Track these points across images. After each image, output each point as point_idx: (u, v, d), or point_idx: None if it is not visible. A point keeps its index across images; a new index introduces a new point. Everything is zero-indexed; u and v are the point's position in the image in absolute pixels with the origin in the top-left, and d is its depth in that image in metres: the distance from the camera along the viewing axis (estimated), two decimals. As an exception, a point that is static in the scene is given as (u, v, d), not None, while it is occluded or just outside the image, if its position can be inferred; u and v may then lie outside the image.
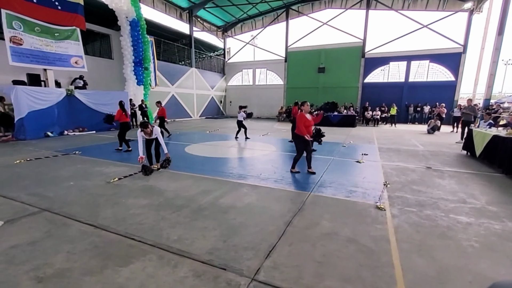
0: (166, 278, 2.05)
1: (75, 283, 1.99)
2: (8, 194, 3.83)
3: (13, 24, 9.96)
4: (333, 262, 2.30)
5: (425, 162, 6.25)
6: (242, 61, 24.29)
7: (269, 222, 3.05)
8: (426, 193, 4.09)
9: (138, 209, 3.36)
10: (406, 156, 6.91)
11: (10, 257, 2.31)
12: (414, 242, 2.66)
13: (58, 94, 10.48)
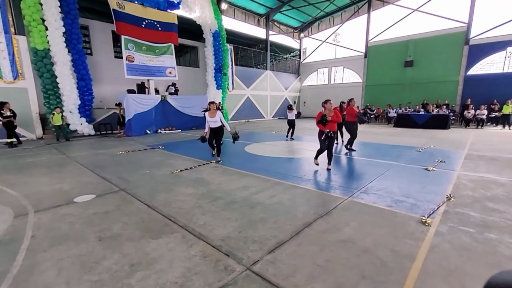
0: (179, 254, 2.47)
1: (119, 245, 2.63)
2: (105, 176, 5.14)
3: (128, 46, 12.79)
4: (333, 269, 2.24)
5: (528, 175, 4.85)
6: (317, 60, 23.75)
7: (289, 221, 3.13)
8: (503, 214, 3.27)
9: (184, 196, 3.99)
10: (502, 167, 5.49)
11: (89, 220, 3.21)
12: (447, 266, 2.26)
13: (155, 99, 12.88)
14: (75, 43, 11.06)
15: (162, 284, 2.06)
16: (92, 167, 5.86)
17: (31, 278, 2.15)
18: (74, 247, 2.61)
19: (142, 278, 2.13)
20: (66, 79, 10.71)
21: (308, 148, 8.04)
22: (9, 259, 2.41)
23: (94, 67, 12.98)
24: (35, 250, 2.57)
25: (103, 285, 2.06)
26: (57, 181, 4.84)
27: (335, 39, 22.99)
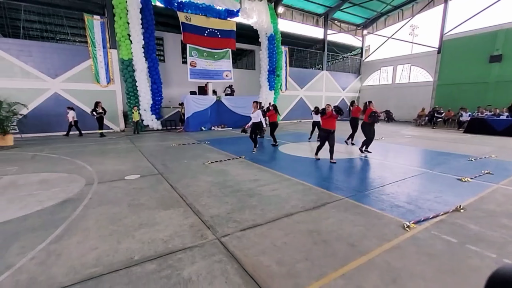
0: (175, 222, 3.21)
1: (139, 211, 3.54)
2: (153, 162, 6.38)
3: (192, 53, 14.63)
4: (284, 249, 2.62)
5: None
6: (381, 58, 22.03)
7: (274, 210, 3.54)
8: (510, 231, 2.96)
9: (202, 182, 4.77)
10: None
11: (128, 192, 4.28)
12: (394, 264, 2.37)
13: (211, 99, 14.39)
14: (151, 52, 13.30)
15: (154, 239, 2.82)
16: (148, 155, 7.26)
17: (79, 223, 3.21)
18: (111, 208, 3.63)
19: (143, 233, 2.94)
20: (143, 83, 13.02)
21: (341, 150, 7.95)
22: (72, 210, 3.57)
23: (166, 72, 15.30)
24: (88, 206, 3.69)
25: (118, 233, 2.95)
26: (120, 163, 6.28)
27: (412, 32, 20.91)
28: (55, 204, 3.78)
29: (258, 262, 2.41)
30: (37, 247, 2.65)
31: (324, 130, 6.39)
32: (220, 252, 2.57)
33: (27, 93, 11.02)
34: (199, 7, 14.50)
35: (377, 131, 7.73)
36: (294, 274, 2.24)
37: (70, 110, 11.31)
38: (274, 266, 2.35)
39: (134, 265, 2.36)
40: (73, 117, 11.35)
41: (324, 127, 6.39)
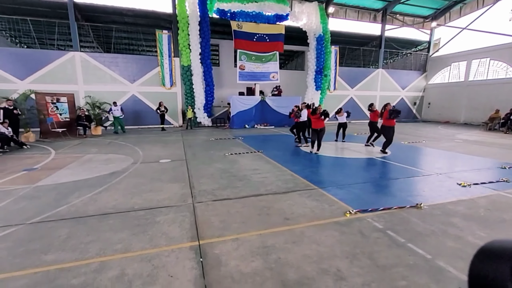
0: (173, 191, 4.38)
1: (154, 182, 4.86)
2: (187, 151, 7.84)
3: (241, 57, 16.10)
4: (233, 215, 3.47)
5: None
6: (452, 52, 19.40)
7: (249, 191, 4.37)
8: (451, 228, 3.09)
9: (212, 168, 5.88)
10: None
11: (156, 170, 5.70)
12: (305, 236, 2.96)
13: (255, 100, 15.58)
14: (206, 59, 15.26)
15: (152, 199, 4.04)
16: (187, 146, 8.84)
17: (115, 185, 4.70)
18: (139, 179, 5.07)
19: (148, 195, 4.20)
20: (198, 85, 15.08)
21: (360, 151, 7.99)
22: (115, 178, 5.14)
23: (220, 75, 17.17)
24: (126, 177, 5.22)
25: (134, 193, 4.28)
26: (163, 150, 7.96)
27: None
28: (108, 173, 5.45)
29: (208, 219, 3.35)
30: (86, 195, 4.18)
31: (313, 129, 7.55)
32: (187, 211, 3.60)
33: (113, 95, 14.24)
34: (249, 15, 15.83)
35: (424, 134, 7.47)
36: (225, 227, 3.11)
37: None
38: (217, 223, 3.25)
39: (132, 211, 3.60)
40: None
41: (314, 127, 7.44)
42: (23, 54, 13.09)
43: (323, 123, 7.43)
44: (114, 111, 12.15)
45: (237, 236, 2.92)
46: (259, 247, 2.69)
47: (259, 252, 2.60)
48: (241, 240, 2.84)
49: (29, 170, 5.72)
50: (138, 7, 14.95)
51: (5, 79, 12.62)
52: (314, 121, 7.48)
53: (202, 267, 2.36)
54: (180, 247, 2.70)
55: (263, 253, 2.58)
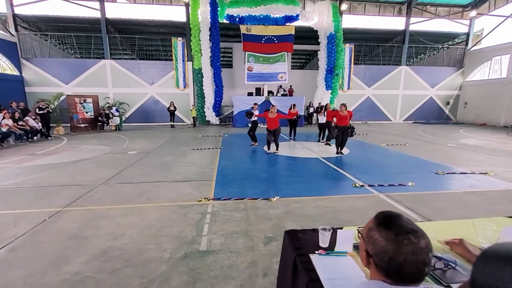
0: (99, 175, 5.45)
1: (96, 169, 6.04)
2: (163, 144, 8.98)
3: (249, 59, 16.85)
4: (115, 195, 4.35)
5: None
6: (494, 45, 16.86)
7: (159, 178, 5.19)
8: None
9: (158, 160, 6.85)
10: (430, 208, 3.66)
11: (117, 160, 6.92)
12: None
13: (260, 99, 16.12)
14: (215, 62, 16.39)
15: (76, 179, 5.16)
16: (170, 141, 10.01)
17: (65, 168, 6.00)
18: (89, 165, 6.31)
19: (76, 177, 5.35)
20: (208, 87, 16.32)
21: (317, 149, 8.04)
22: (74, 164, 6.49)
23: (233, 76, 18.18)
24: (82, 163, 6.53)
25: (70, 175, 5.48)
26: (144, 143, 9.24)
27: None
28: (76, 160, 6.85)
29: (93, 195, 4.29)
30: (41, 173, 5.54)
31: (268, 130, 7.69)
32: (88, 189, 4.61)
33: (135, 96, 16.43)
34: (257, 18, 16.45)
35: (425, 137, 7.20)
36: (102, 202, 4.00)
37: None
38: (103, 198, 4.17)
39: (50, 186, 4.76)
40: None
41: (268, 128, 7.64)
42: (68, 63, 16.09)
43: (277, 123, 7.68)
44: (114, 112, 13.99)
45: (101, 207, 3.79)
46: (103, 216, 3.53)
47: (92, 219, 3.43)
48: (100, 209, 3.71)
49: (30, 154, 7.52)
50: (158, 18, 16.89)
51: (55, 83, 15.71)
52: (269, 122, 7.79)
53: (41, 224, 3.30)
54: (51, 210, 3.68)
55: (97, 219, 3.40)
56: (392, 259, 0.69)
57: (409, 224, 0.73)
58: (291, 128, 10.72)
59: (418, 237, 0.70)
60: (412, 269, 0.68)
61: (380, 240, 0.73)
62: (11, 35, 15.05)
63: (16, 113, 9.85)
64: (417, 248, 0.68)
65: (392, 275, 0.71)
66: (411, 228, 0.71)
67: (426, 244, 0.69)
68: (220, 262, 2.50)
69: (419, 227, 0.73)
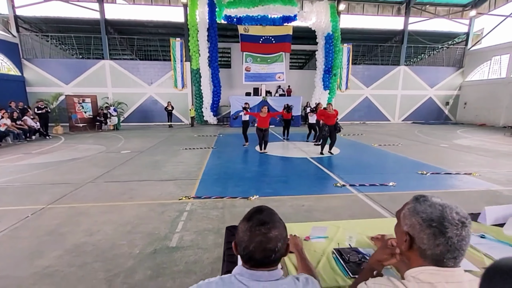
0: (89, 173, 5.58)
1: (87, 168, 6.17)
2: (157, 144, 9.10)
3: (247, 59, 16.93)
4: (99, 193, 4.46)
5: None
6: (493, 45, 16.72)
7: (147, 176, 5.30)
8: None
9: (149, 159, 6.96)
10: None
11: (110, 158, 7.06)
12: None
13: (257, 99, 16.21)
14: (213, 62, 16.50)
15: (66, 178, 5.29)
16: (165, 140, 10.14)
17: (58, 167, 6.14)
18: (81, 164, 6.45)
19: (66, 175, 5.48)
20: (206, 87, 16.44)
21: (306, 149, 8.10)
22: (67, 162, 6.63)
23: (231, 77, 18.27)
24: (75, 162, 6.67)
25: (61, 173, 5.62)
26: (139, 143, 9.37)
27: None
28: (69, 159, 7.00)
29: (78, 193, 4.41)
30: (33, 172, 5.68)
31: (259, 128, 7.59)
32: (75, 188, 4.73)
33: (134, 96, 16.62)
34: (254, 18, 16.51)
35: (418, 137, 7.14)
36: (85, 199, 4.12)
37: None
38: (87, 196, 4.29)
39: (42, 184, 4.89)
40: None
41: (259, 126, 7.58)
42: (68, 63, 16.33)
43: (268, 123, 7.77)
44: (112, 112, 14.14)
45: (83, 205, 3.91)
46: (84, 213, 3.64)
47: (73, 215, 3.55)
48: (82, 207, 3.82)
49: (26, 153, 7.70)
50: (156, 19, 17.06)
51: (55, 83, 15.95)
52: (260, 121, 7.86)
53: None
54: (35, 207, 3.81)
55: (78, 215, 3.52)
56: (246, 248, 0.77)
57: (266, 217, 0.81)
58: (284, 128, 10.76)
59: (269, 228, 0.78)
60: (261, 256, 0.76)
61: (240, 231, 0.81)
62: (13, 36, 15.32)
63: (15, 113, 10.06)
64: (266, 237, 0.76)
65: (247, 261, 0.79)
66: (264, 221, 0.79)
67: (275, 235, 0.77)
68: (186, 257, 2.60)
69: (276, 220, 0.81)
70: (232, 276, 0.79)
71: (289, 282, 0.79)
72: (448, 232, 0.71)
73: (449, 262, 0.73)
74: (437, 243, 0.72)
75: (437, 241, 0.72)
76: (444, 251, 0.72)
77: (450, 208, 0.74)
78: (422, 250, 0.76)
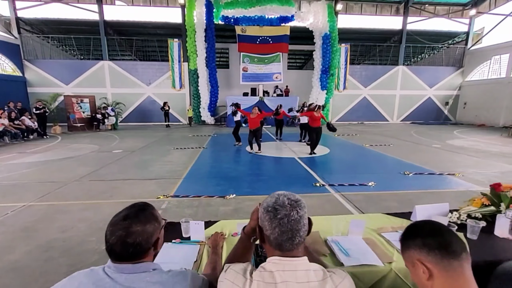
0: (76, 172, 5.71)
1: (76, 167, 6.30)
2: (150, 143, 9.23)
3: (244, 60, 17.01)
4: (82, 191, 4.58)
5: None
6: (494, 44, 16.53)
7: (133, 175, 5.41)
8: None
9: (137, 159, 7.08)
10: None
11: (101, 157, 7.19)
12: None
13: (253, 99, 16.25)
14: (211, 62, 16.61)
15: (55, 176, 5.42)
16: (159, 140, 10.27)
17: (48, 166, 6.28)
18: (73, 162, 6.58)
19: (56, 173, 5.61)
20: (203, 87, 16.55)
21: (296, 149, 8.14)
22: (58, 161, 6.77)
23: (229, 77, 18.37)
24: (67, 160, 6.81)
25: (50, 171, 5.75)
26: (133, 143, 9.50)
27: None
28: (62, 158, 7.15)
29: (63, 191, 4.53)
30: (25, 170, 5.83)
31: (249, 130, 7.70)
32: (59, 187, 4.85)
33: (133, 96, 16.82)
34: (251, 19, 16.57)
35: (413, 137, 7.16)
36: (67, 197, 4.24)
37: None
38: (72, 192, 4.40)
39: (33, 183, 5.02)
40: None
41: (249, 128, 7.71)
42: (68, 64, 16.59)
43: (258, 123, 7.84)
44: (110, 112, 14.30)
45: (64, 203, 4.02)
46: (62, 211, 3.75)
47: (47, 213, 3.66)
48: (61, 204, 3.94)
49: (21, 152, 7.88)
50: (155, 20, 17.23)
51: (56, 84, 16.21)
52: (250, 122, 7.92)
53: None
54: (17, 204, 3.93)
55: (54, 214, 3.63)
56: (107, 241, 0.84)
57: (133, 213, 0.88)
58: (277, 128, 10.81)
59: (130, 223, 0.84)
60: (120, 249, 0.83)
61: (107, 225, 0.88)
62: (14, 37, 15.63)
63: (13, 113, 10.28)
64: (127, 231, 0.83)
65: (109, 254, 0.85)
66: (127, 216, 0.86)
67: (136, 230, 0.84)
68: (150, 254, 2.67)
69: (144, 216, 0.88)
70: (101, 267, 0.85)
71: (155, 274, 0.84)
72: (279, 214, 0.82)
73: (287, 244, 0.82)
74: (274, 226, 0.81)
75: (273, 224, 0.81)
76: (280, 233, 0.81)
77: (284, 195, 0.86)
78: (267, 237, 0.84)
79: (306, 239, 1.12)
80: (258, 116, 7.80)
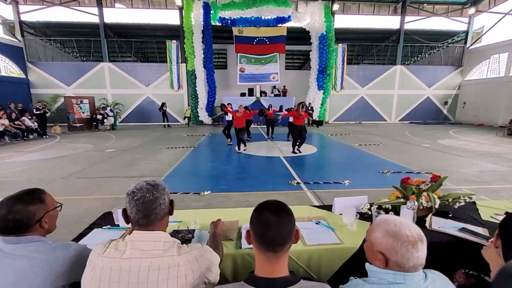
0: (67, 170, 5.95)
1: (68, 165, 6.56)
2: (144, 143, 9.47)
3: (241, 60, 17.20)
4: (69, 189, 4.80)
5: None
6: (493, 43, 16.37)
7: (117, 173, 5.63)
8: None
9: (128, 157, 7.31)
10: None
11: (94, 156, 7.45)
12: (83, 202, 4.09)
13: (250, 100, 16.43)
14: (208, 63, 16.82)
15: (47, 174, 5.67)
16: (154, 140, 10.51)
17: (40, 164, 6.55)
18: (65, 161, 6.84)
19: (45, 172, 5.86)
20: (201, 88, 16.79)
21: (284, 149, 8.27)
22: (53, 160, 7.04)
23: (227, 77, 18.57)
24: (59, 159, 7.07)
25: (39, 170, 6.01)
26: (128, 141, 9.77)
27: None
28: (56, 156, 7.42)
29: (54, 187, 4.76)
30: (18, 168, 6.10)
31: (235, 128, 7.87)
32: (46, 184, 5.09)
33: (132, 97, 17.15)
34: (248, 20, 16.73)
35: (406, 137, 7.16)
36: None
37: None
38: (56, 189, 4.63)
39: (25, 181, 5.28)
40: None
41: (234, 125, 7.87)
42: (69, 66, 17.02)
43: (243, 122, 8.02)
44: (109, 112, 14.61)
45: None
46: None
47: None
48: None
49: (18, 152, 8.19)
50: (153, 22, 17.55)
51: (57, 85, 16.65)
52: (236, 120, 8.07)
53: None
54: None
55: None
56: None
57: (15, 194, 1.05)
58: (268, 127, 10.96)
59: (10, 203, 1.01)
60: (1, 225, 1.01)
61: None
62: (18, 40, 16.11)
63: (13, 114, 10.65)
64: (8, 210, 1.01)
65: None
66: (8, 197, 1.03)
67: (17, 209, 1.01)
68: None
69: (16, 196, 1.05)
70: None
71: (38, 245, 1.01)
72: (136, 195, 0.98)
73: (144, 221, 0.98)
74: (132, 206, 0.98)
75: (131, 204, 0.98)
76: (136, 211, 0.97)
77: (145, 181, 1.02)
78: (131, 219, 1.00)
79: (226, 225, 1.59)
80: (244, 115, 7.95)
